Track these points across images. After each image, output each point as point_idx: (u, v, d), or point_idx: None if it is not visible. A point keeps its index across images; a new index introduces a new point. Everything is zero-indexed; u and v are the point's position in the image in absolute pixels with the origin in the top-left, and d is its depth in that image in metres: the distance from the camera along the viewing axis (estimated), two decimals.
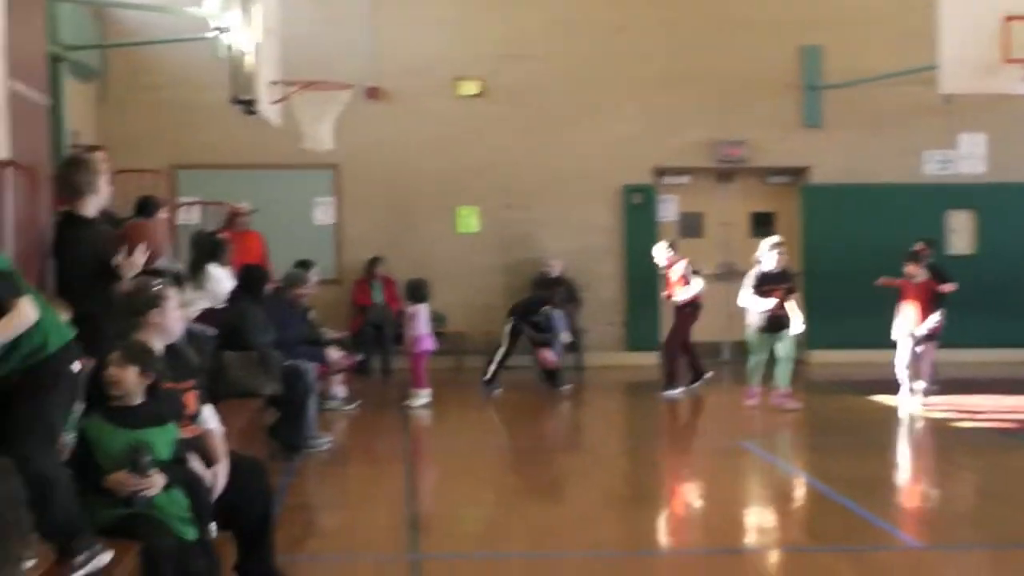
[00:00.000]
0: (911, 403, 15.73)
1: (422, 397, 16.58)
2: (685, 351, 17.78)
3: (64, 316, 7.46)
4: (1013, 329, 21.00)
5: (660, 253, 17.91)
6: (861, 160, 21.63)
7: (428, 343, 16.75)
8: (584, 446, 14.91)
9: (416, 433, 15.23)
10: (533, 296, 18.98)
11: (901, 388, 15.96)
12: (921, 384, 15.96)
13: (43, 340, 6.15)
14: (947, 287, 16.50)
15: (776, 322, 15.86)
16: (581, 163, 21.26)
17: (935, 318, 15.85)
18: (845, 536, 9.94)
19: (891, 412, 15.91)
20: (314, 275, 15.39)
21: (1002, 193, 21.58)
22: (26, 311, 6.08)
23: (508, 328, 18.23)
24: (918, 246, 17.00)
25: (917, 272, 15.98)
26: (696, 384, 17.66)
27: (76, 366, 6.35)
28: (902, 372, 15.96)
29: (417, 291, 16.88)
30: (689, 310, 17.60)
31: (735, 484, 12.06)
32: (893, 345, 16.11)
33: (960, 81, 18.06)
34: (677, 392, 17.32)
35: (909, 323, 15.91)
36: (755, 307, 15.84)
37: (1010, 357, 20.36)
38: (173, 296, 7.58)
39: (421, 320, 16.69)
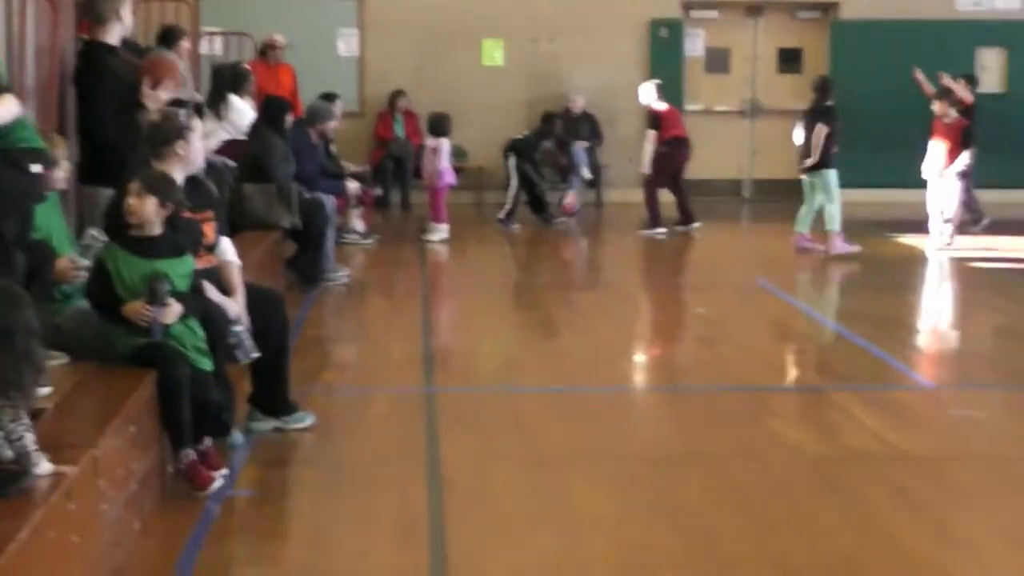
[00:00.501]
0: (938, 242, 15.64)
1: (440, 231, 16.56)
2: (674, 191, 17.69)
3: (61, 150, 7.49)
4: None
5: (648, 95, 17.66)
6: None
7: (449, 177, 16.70)
8: (602, 282, 14.91)
9: (434, 268, 15.25)
10: (530, 134, 18.79)
11: (930, 227, 15.86)
12: (949, 223, 15.81)
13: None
14: None
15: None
16: None
17: (965, 158, 15.59)
18: (859, 375, 9.96)
19: (916, 252, 15.87)
20: (338, 108, 15.39)
21: None
22: (9, 105, 6.23)
23: (512, 164, 18.14)
24: (949, 82, 16.83)
25: (945, 111, 15.73)
26: (682, 228, 17.56)
27: (37, 167, 6.49)
28: (932, 210, 15.84)
29: (439, 125, 16.79)
30: (665, 150, 17.40)
31: (750, 320, 12.07)
32: (923, 184, 15.98)
33: None
34: (656, 232, 17.26)
35: (938, 162, 15.71)
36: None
37: None
38: (198, 127, 7.56)
39: (442, 154, 16.62)
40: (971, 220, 17.19)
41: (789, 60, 21.82)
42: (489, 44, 21.06)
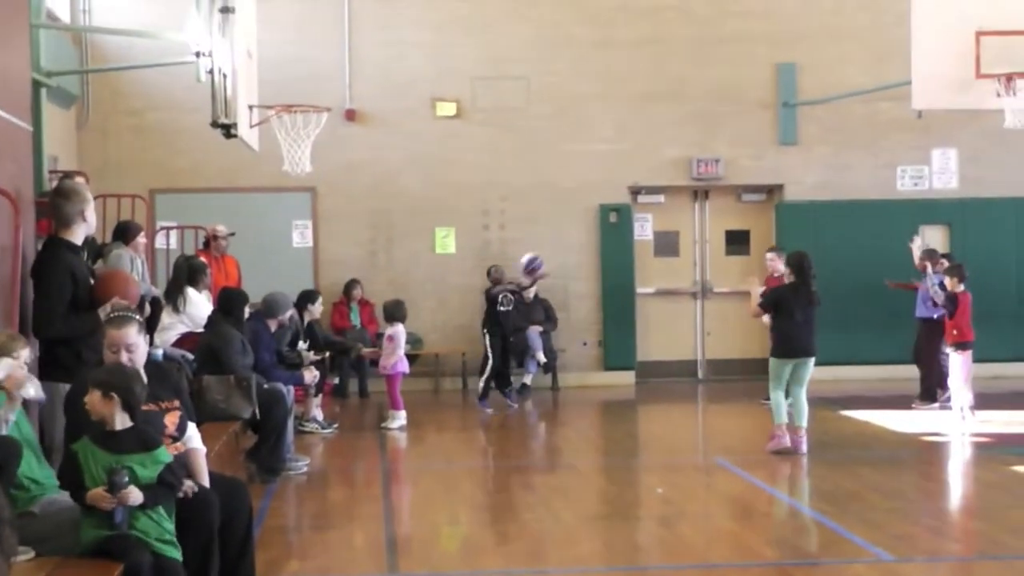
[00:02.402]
0: (958, 420, 15.77)
1: (398, 419, 16.66)
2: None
3: (24, 352, 7.57)
4: (989, 343, 21.03)
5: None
6: (835, 176, 21.81)
7: (402, 365, 16.83)
8: (561, 464, 15.00)
9: (394, 455, 15.31)
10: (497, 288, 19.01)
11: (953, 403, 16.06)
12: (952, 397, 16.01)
13: None
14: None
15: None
16: (557, 182, 21.40)
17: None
18: (818, 550, 10.10)
19: (869, 427, 16.07)
20: (318, 306, 16.43)
21: (974, 208, 21.76)
22: None
23: (488, 341, 18.34)
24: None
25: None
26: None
27: None
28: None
29: (395, 311, 17.00)
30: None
31: (709, 498, 12.18)
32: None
33: (933, 97, 18.24)
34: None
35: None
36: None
37: (986, 371, 20.44)
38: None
39: (398, 341, 16.79)
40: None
41: (736, 241, 22.22)
42: (441, 232, 21.36)
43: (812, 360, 14.11)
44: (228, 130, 14.22)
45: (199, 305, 14.05)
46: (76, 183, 10.08)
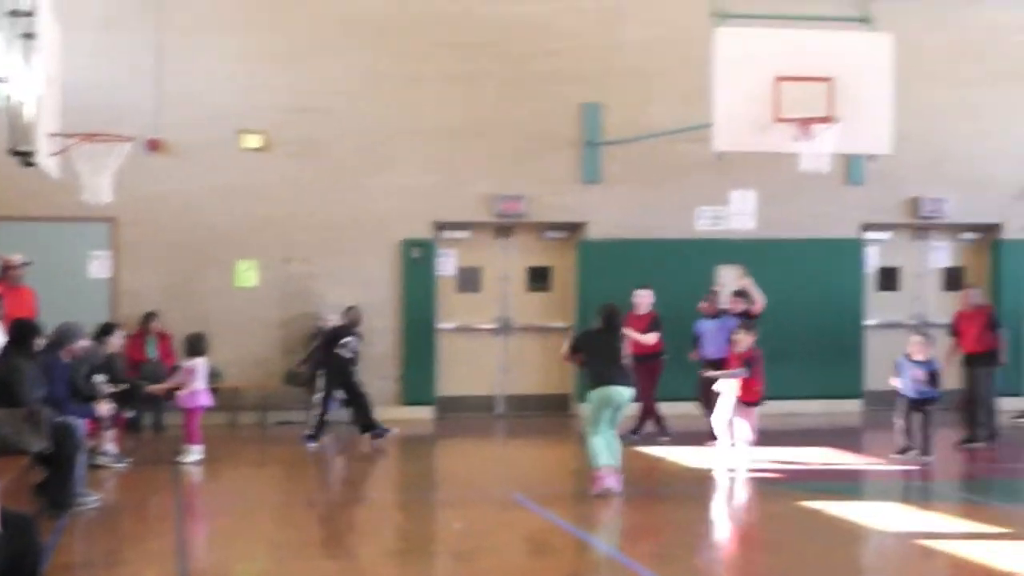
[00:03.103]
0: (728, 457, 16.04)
1: (195, 453, 16.45)
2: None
3: None
4: (782, 381, 21.45)
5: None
6: (637, 215, 22.12)
7: (204, 399, 16.66)
8: (360, 500, 14.95)
9: (189, 490, 15.08)
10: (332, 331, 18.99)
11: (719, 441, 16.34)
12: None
13: None
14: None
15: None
16: (362, 217, 21.37)
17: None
18: None
19: (659, 463, 16.30)
20: (117, 338, 16.27)
21: (770, 248, 22.23)
22: None
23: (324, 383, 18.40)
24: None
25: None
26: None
27: None
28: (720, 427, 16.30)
29: (195, 345, 16.80)
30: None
31: (505, 534, 12.22)
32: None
33: (733, 139, 18.62)
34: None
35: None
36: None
37: (778, 408, 20.85)
38: None
39: (198, 375, 16.59)
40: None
41: (538, 278, 22.41)
42: (243, 265, 21.17)
43: (630, 394, 13.97)
44: (26, 158, 13.94)
45: None
46: None
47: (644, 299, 18.64)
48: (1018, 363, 21.17)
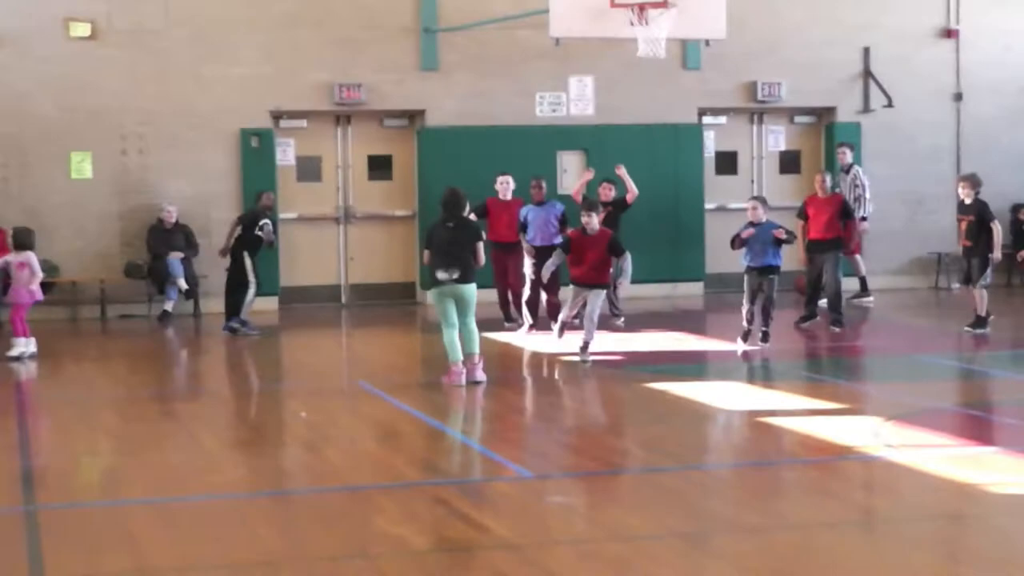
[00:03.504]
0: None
1: (20, 346, 16.11)
2: None
3: None
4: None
5: None
6: (477, 103, 22.07)
7: (35, 293, 16.26)
8: (204, 391, 14.87)
9: (28, 385, 14.86)
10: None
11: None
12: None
13: None
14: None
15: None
16: (198, 107, 21.04)
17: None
18: (460, 470, 10.33)
19: (506, 348, 16.42)
20: None
21: (609, 134, 22.34)
22: None
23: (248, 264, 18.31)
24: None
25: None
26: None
27: None
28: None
29: (25, 239, 16.43)
30: None
31: (353, 422, 12.26)
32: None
33: (570, 25, 18.69)
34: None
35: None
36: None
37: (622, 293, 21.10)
38: None
39: (34, 268, 16.25)
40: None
41: (379, 167, 22.30)
42: (77, 157, 20.74)
43: (467, 288, 13.60)
44: None
45: None
46: None
47: (505, 185, 18.19)
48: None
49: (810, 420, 11.53)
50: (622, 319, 18.07)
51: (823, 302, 18.01)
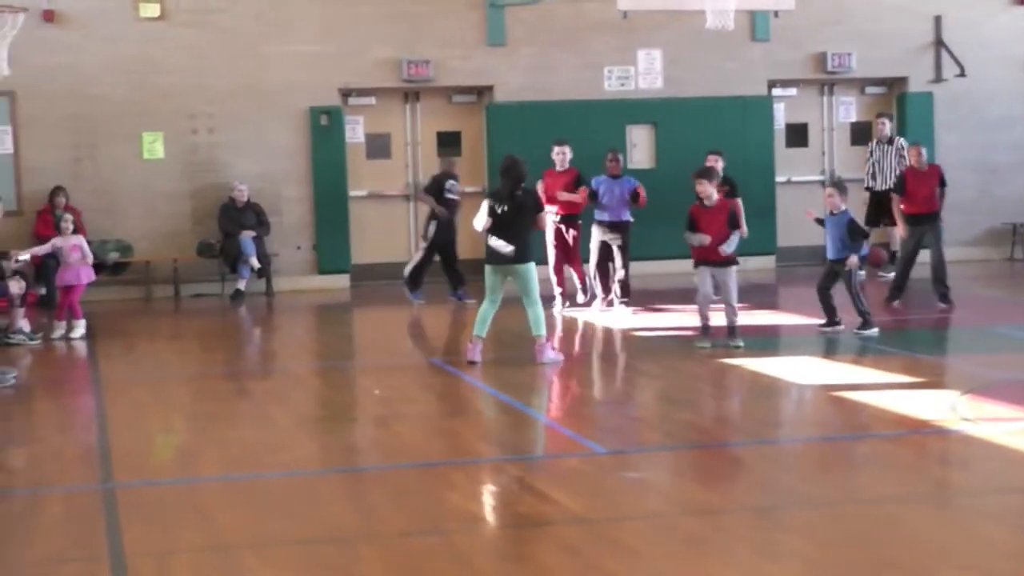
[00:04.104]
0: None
1: (79, 328, 16.23)
2: None
3: None
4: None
5: None
6: (544, 78, 22.01)
7: (86, 274, 16.33)
8: (277, 369, 14.95)
9: (106, 364, 14.96)
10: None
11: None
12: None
13: None
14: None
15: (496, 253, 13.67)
16: (266, 85, 21.10)
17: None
18: (532, 446, 10.34)
19: (573, 323, 16.41)
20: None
21: (678, 107, 22.26)
22: None
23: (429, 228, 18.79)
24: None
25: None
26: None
27: None
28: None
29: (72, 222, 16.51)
30: None
31: (425, 399, 12.30)
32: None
33: None
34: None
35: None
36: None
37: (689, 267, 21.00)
38: None
39: (85, 251, 16.30)
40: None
41: (448, 143, 22.29)
42: (149, 137, 20.87)
43: (525, 268, 13.42)
44: None
45: None
46: None
47: (563, 155, 17.63)
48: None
49: (886, 394, 11.44)
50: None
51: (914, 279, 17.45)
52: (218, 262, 20.47)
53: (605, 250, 16.98)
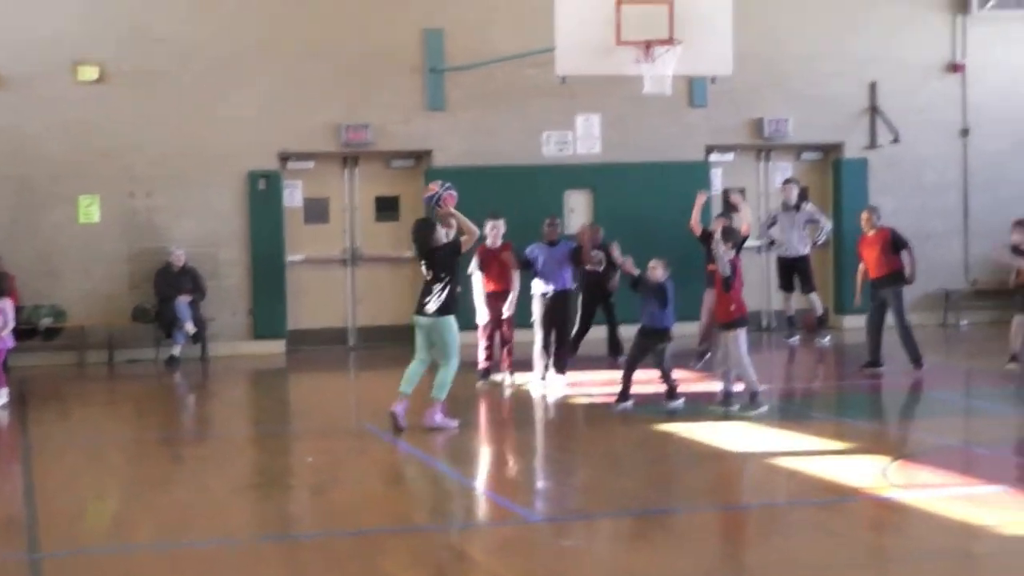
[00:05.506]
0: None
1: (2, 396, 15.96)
2: None
3: None
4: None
5: None
6: (483, 142, 22.05)
7: (8, 340, 16.11)
8: (212, 435, 14.85)
9: (36, 431, 14.79)
10: None
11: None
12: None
13: None
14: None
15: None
16: (205, 149, 21.01)
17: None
18: (467, 513, 10.31)
19: (500, 389, 16.35)
20: None
21: (616, 172, 22.33)
22: None
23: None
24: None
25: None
26: None
27: None
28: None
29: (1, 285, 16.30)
30: None
31: (360, 466, 12.23)
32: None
33: (576, 63, 18.70)
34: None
35: None
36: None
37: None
38: None
39: (8, 315, 16.07)
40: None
41: (386, 208, 22.28)
42: (85, 200, 20.73)
43: (440, 322, 13.54)
44: None
45: None
46: None
47: (496, 231, 17.02)
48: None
49: (818, 460, 11.49)
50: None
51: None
52: (153, 327, 20.34)
53: (550, 324, 16.73)
